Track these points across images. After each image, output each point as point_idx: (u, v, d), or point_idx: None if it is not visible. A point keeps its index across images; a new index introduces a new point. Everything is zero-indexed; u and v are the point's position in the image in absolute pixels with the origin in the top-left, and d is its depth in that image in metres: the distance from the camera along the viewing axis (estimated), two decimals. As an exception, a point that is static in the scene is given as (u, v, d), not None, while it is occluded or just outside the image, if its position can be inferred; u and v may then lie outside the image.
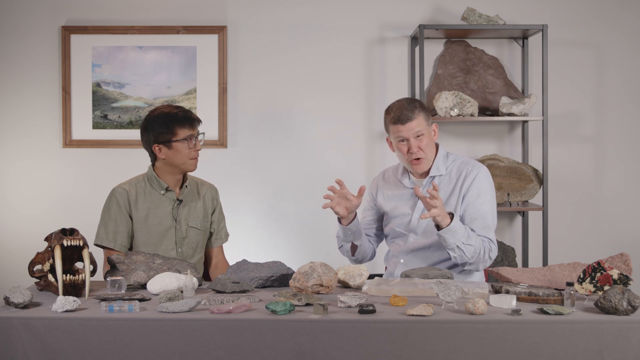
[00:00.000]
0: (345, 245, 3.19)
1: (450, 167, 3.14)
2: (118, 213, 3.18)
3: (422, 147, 3.06)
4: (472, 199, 3.04)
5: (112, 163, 4.38)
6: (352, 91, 4.42)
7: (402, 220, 3.16)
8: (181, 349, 2.27)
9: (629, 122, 4.43)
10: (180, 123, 3.15)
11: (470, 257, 2.95)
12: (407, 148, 3.06)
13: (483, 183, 3.07)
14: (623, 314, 2.31)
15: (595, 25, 4.41)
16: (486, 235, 3.02)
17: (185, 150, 3.16)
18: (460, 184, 3.08)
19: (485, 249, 2.99)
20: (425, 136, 3.06)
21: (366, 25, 4.41)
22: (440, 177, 3.12)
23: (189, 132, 3.16)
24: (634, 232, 4.43)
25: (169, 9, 4.39)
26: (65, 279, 2.58)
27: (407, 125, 3.04)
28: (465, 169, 3.10)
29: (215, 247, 3.39)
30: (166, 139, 3.15)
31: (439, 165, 3.12)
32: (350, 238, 3.14)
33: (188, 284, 2.61)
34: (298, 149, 4.42)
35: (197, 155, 3.20)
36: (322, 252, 4.34)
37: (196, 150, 3.18)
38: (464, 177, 3.08)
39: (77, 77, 4.36)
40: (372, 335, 2.26)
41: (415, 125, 3.04)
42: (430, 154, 3.09)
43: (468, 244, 2.93)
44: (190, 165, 3.20)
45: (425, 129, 3.06)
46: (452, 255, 2.95)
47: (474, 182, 3.06)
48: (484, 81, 4.36)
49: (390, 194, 3.23)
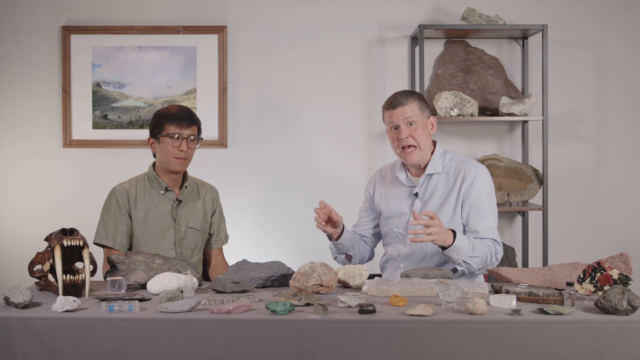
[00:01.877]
0: (339, 257, 3.18)
1: (448, 166, 3.09)
2: (118, 212, 3.19)
3: (414, 135, 2.99)
4: (475, 201, 3.01)
5: (112, 163, 4.38)
6: (352, 91, 4.42)
7: (399, 220, 3.12)
8: (181, 349, 2.27)
9: (629, 122, 4.43)
10: (169, 120, 3.17)
11: (478, 268, 2.94)
12: (397, 135, 3.01)
13: (483, 183, 3.04)
14: (623, 314, 2.31)
15: (595, 25, 4.41)
16: (491, 237, 3.00)
17: (169, 148, 3.16)
18: (459, 184, 3.03)
19: (491, 254, 2.96)
20: (418, 125, 3.00)
21: (366, 25, 4.41)
22: (437, 176, 3.08)
23: (174, 130, 3.16)
24: (634, 232, 4.43)
25: (169, 9, 4.39)
26: (65, 279, 2.58)
27: (398, 109, 2.99)
28: (464, 169, 3.05)
29: (214, 248, 3.40)
30: (156, 133, 3.20)
31: (436, 164, 3.07)
32: (343, 251, 3.12)
33: (188, 284, 2.61)
34: (298, 149, 4.42)
35: (182, 156, 3.17)
36: (322, 252, 4.32)
37: (180, 150, 3.16)
38: (463, 177, 3.04)
39: (77, 77, 4.36)
40: (372, 335, 2.26)
41: (407, 111, 2.98)
42: (424, 145, 3.02)
43: (474, 256, 2.90)
44: (174, 164, 3.19)
45: (419, 118, 3.00)
46: (459, 269, 2.93)
47: (474, 183, 3.02)
48: (484, 81, 4.36)
49: (387, 192, 3.18)
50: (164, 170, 3.23)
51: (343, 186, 4.36)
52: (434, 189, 3.07)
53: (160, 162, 3.22)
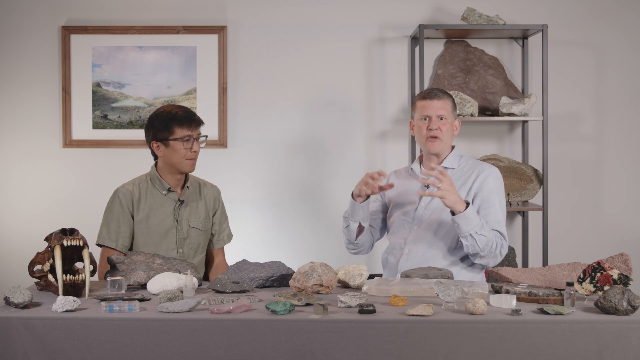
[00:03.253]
0: (352, 225, 3.21)
1: (463, 165, 3.23)
2: (121, 214, 3.19)
3: (442, 129, 3.16)
4: (487, 194, 3.12)
5: (112, 163, 4.38)
6: (352, 91, 4.42)
7: (408, 208, 3.20)
8: (181, 349, 2.27)
9: (629, 122, 4.43)
10: (179, 123, 3.16)
11: (482, 248, 2.99)
12: (427, 125, 3.16)
13: (496, 181, 3.17)
14: (623, 314, 2.31)
15: (595, 25, 4.41)
16: (498, 229, 3.07)
17: (181, 150, 3.17)
18: (473, 180, 3.15)
19: (497, 244, 3.03)
20: (447, 122, 3.17)
21: (366, 25, 4.41)
22: (451, 171, 3.19)
23: (186, 133, 3.17)
24: (634, 232, 4.43)
25: (169, 9, 4.39)
26: (65, 279, 2.58)
27: (433, 101, 3.17)
28: (478, 168, 3.19)
29: (217, 248, 3.40)
30: (164, 137, 3.17)
31: (452, 161, 3.22)
32: (358, 217, 3.17)
33: (188, 284, 2.61)
34: (298, 149, 4.41)
35: (194, 157, 3.20)
36: (322, 252, 4.34)
37: (192, 152, 3.18)
38: (477, 174, 3.16)
39: (77, 77, 4.36)
40: (372, 335, 2.26)
41: (441, 106, 3.16)
42: (447, 140, 3.18)
43: (481, 234, 2.97)
44: (186, 166, 3.20)
45: (449, 116, 3.18)
46: (465, 243, 2.99)
47: (486, 179, 3.14)
48: (484, 81, 4.36)
49: (399, 183, 3.29)
50: (169, 171, 3.23)
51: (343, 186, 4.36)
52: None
53: (169, 164, 3.21)
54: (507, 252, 3.11)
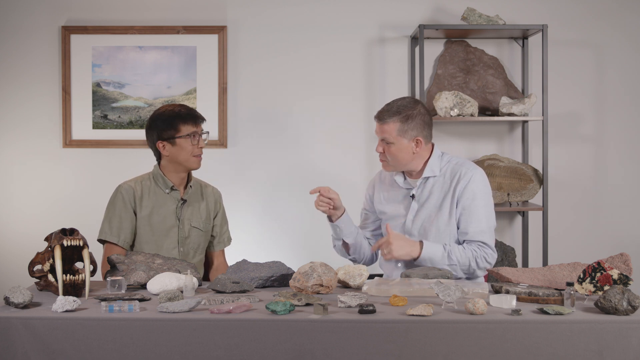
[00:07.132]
0: (337, 244, 3.21)
1: (445, 168, 3.10)
2: (123, 209, 3.19)
3: (387, 152, 3.06)
4: (467, 203, 3.02)
5: (112, 163, 4.38)
6: (352, 91, 4.42)
7: (397, 222, 3.14)
8: (181, 349, 2.27)
9: (629, 122, 4.43)
10: (183, 120, 3.18)
11: (462, 271, 2.98)
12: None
13: (478, 186, 3.04)
14: (623, 314, 2.31)
15: (595, 25, 4.41)
16: (480, 240, 3.00)
17: (188, 147, 3.18)
18: (454, 185, 3.05)
19: (477, 257, 2.98)
20: (393, 145, 3.04)
21: (366, 25, 4.41)
22: (434, 179, 3.10)
23: (192, 129, 3.19)
24: (634, 232, 4.43)
25: (169, 9, 4.39)
26: (65, 279, 2.58)
27: (377, 125, 3.09)
28: (460, 171, 3.06)
29: (216, 250, 3.40)
30: (170, 136, 3.18)
31: (433, 167, 3.10)
32: (340, 235, 3.16)
33: (188, 284, 2.61)
34: (298, 149, 4.42)
35: (200, 153, 3.22)
36: (322, 252, 4.33)
37: (199, 148, 3.20)
38: (458, 179, 3.05)
39: (77, 77, 4.36)
40: (372, 335, 2.26)
41: (385, 130, 3.05)
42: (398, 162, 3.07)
43: (451, 264, 2.95)
44: (194, 163, 3.22)
45: (396, 139, 3.03)
46: None
47: (468, 185, 3.03)
48: (484, 81, 4.36)
49: (386, 195, 3.22)
50: (174, 170, 3.24)
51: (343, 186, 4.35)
52: (430, 191, 3.09)
53: (175, 162, 3.21)
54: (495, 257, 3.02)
